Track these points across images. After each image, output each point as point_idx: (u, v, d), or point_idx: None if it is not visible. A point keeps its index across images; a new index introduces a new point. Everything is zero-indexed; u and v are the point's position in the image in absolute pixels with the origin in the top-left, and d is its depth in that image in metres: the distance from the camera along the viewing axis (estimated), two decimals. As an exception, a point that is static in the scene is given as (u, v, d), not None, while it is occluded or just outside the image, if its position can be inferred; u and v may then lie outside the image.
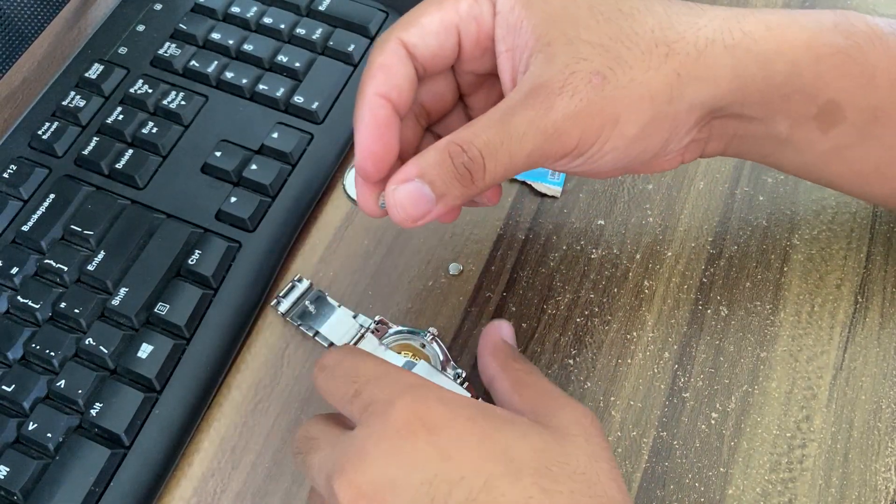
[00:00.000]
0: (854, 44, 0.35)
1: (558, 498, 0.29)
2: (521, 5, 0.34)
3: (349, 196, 0.46)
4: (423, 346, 0.41)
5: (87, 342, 0.39)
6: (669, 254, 0.44)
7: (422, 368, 0.38)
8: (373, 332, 0.41)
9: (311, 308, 0.42)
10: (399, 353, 0.40)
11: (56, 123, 0.46)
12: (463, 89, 0.38)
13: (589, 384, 0.40)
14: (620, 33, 0.33)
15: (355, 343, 0.40)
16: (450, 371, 0.40)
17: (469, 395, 0.37)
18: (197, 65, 0.49)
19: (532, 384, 0.35)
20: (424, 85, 0.37)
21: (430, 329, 0.41)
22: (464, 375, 0.40)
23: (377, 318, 0.42)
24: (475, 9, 0.34)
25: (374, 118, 0.34)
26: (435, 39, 0.35)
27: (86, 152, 0.45)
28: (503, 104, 0.32)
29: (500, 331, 0.39)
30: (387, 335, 0.41)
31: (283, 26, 0.50)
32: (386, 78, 0.34)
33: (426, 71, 0.36)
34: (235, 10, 0.51)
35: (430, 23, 0.34)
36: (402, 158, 0.35)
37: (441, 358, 0.40)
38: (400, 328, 0.41)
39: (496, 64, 0.35)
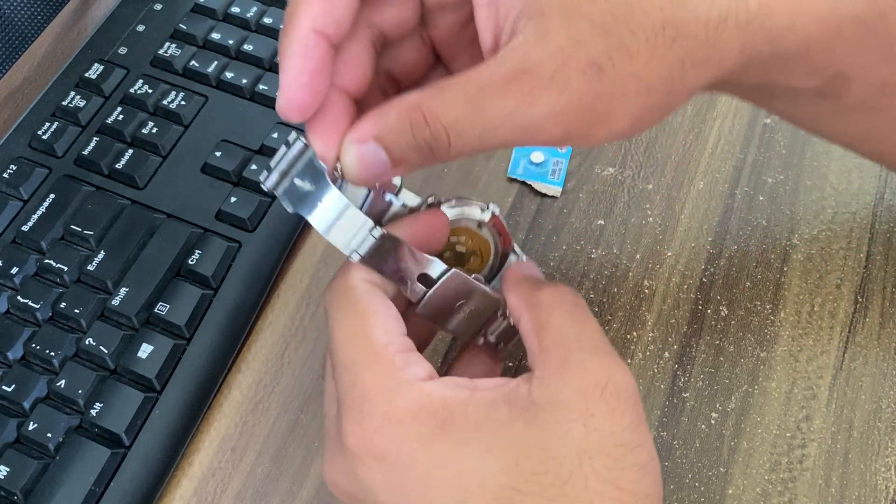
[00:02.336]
0: (878, 11, 0.31)
1: None
2: None
3: (349, 196, 0.46)
4: (481, 226, 0.34)
5: (87, 342, 0.39)
6: (669, 253, 0.44)
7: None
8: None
9: (302, 183, 0.30)
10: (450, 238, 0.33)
11: (56, 123, 0.46)
12: (439, 51, 0.33)
13: (589, 384, 0.40)
14: (626, 11, 0.27)
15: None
16: (511, 257, 0.34)
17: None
18: (197, 65, 0.49)
19: (553, 327, 0.30)
20: (390, 52, 0.32)
21: (492, 205, 0.33)
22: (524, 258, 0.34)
23: (430, 199, 0.34)
24: None
25: (306, 61, 0.28)
26: None
27: (86, 152, 0.45)
28: (480, 75, 0.27)
29: (521, 269, 0.33)
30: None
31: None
32: (325, 8, 0.28)
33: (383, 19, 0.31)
34: (235, 10, 0.51)
35: None
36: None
37: (499, 247, 0.34)
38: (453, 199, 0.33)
39: (473, 15, 0.30)
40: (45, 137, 0.46)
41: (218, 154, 0.45)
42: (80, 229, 0.42)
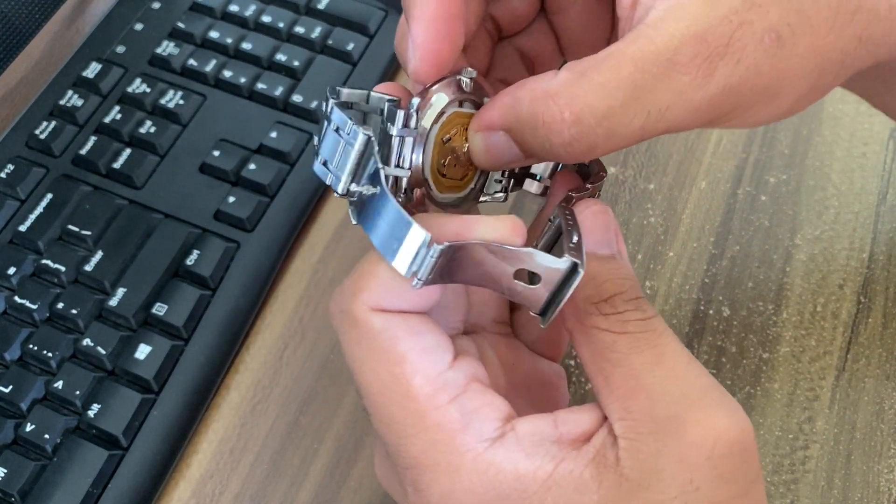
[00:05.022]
0: None
1: None
2: None
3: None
4: (462, 104, 0.27)
5: (84, 343, 0.39)
6: (671, 254, 0.44)
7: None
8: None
9: (364, 189, 0.25)
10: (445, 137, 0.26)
11: (53, 123, 0.46)
12: (547, 4, 0.30)
13: (589, 386, 0.40)
14: None
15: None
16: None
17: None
18: (195, 64, 0.48)
19: (622, 362, 0.24)
20: None
21: (464, 72, 0.26)
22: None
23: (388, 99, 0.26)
24: None
25: (440, 5, 0.24)
26: None
27: (83, 152, 0.45)
28: (636, 48, 0.23)
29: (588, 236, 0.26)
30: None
31: (281, 25, 0.50)
32: None
33: None
34: (234, 8, 0.50)
35: None
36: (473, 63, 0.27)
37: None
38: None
39: None
40: (42, 137, 0.46)
41: (216, 153, 0.45)
42: (77, 229, 0.42)
